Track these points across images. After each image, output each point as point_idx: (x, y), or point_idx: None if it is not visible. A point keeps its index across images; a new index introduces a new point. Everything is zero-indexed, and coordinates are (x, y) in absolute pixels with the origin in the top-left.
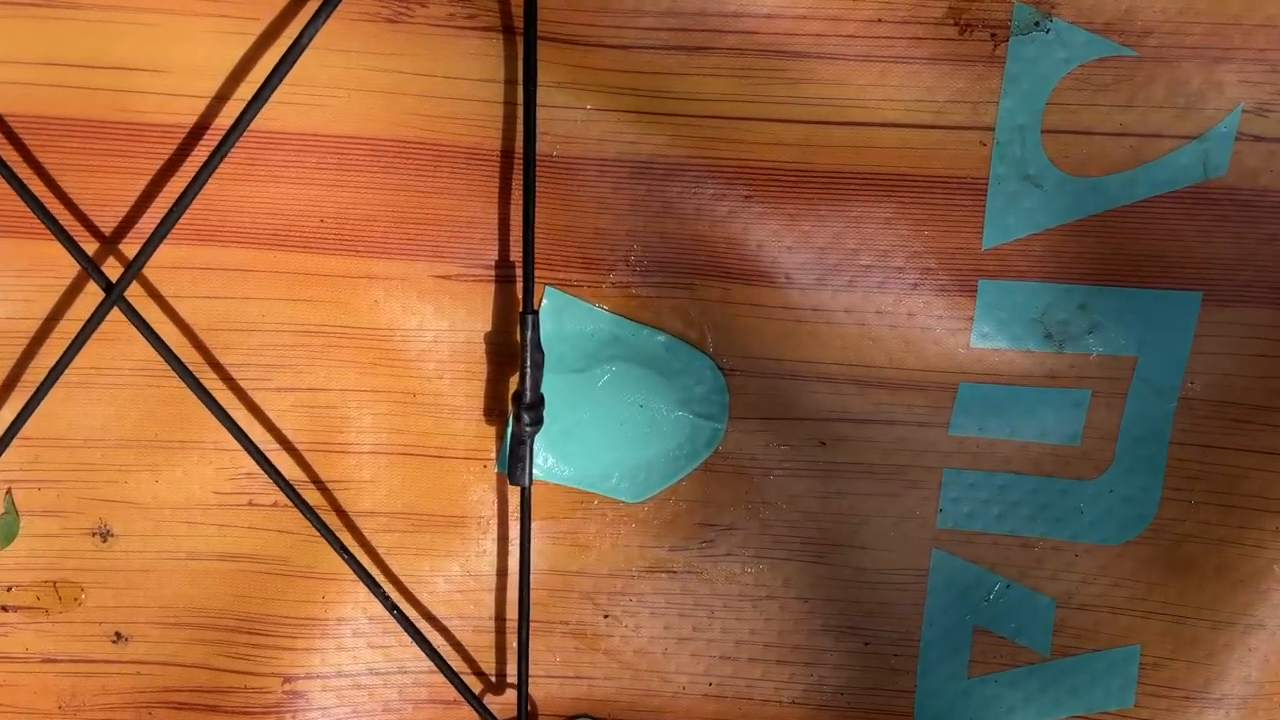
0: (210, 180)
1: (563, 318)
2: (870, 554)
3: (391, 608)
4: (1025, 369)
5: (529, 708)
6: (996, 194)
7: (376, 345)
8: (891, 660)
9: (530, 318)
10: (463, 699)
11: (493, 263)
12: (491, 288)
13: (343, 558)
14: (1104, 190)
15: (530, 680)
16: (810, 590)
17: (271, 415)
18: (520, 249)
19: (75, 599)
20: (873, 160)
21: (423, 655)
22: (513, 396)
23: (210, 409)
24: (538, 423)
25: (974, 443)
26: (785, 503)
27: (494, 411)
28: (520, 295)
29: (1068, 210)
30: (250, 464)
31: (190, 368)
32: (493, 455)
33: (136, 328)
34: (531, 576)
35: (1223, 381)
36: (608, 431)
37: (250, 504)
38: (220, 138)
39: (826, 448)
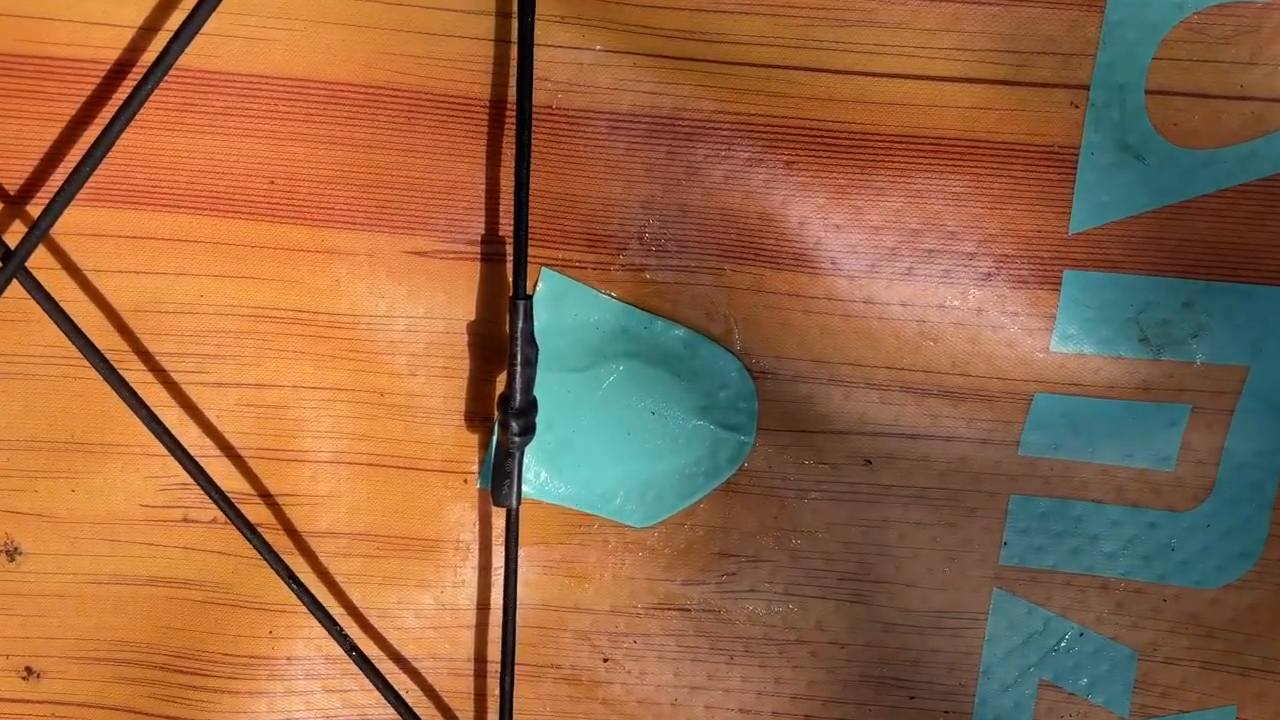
0: (135, 130)
1: (561, 305)
2: (919, 593)
3: (349, 647)
4: (1114, 378)
5: None
6: (1089, 166)
7: (337, 334)
8: (941, 718)
9: (521, 304)
10: None
11: (478, 237)
12: (477, 267)
13: (291, 587)
14: (1219, 165)
15: None
16: (848, 634)
17: (210, 415)
18: (511, 221)
19: None
20: (940, 122)
21: (387, 703)
22: (499, 399)
23: (132, 406)
24: (528, 431)
25: (1047, 465)
26: (822, 531)
27: (477, 416)
28: (510, 277)
29: (1174, 189)
30: (185, 473)
31: (110, 356)
32: (474, 468)
33: (42, 306)
34: (522, 612)
35: None
36: (612, 443)
37: (185, 520)
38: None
39: (872, 467)
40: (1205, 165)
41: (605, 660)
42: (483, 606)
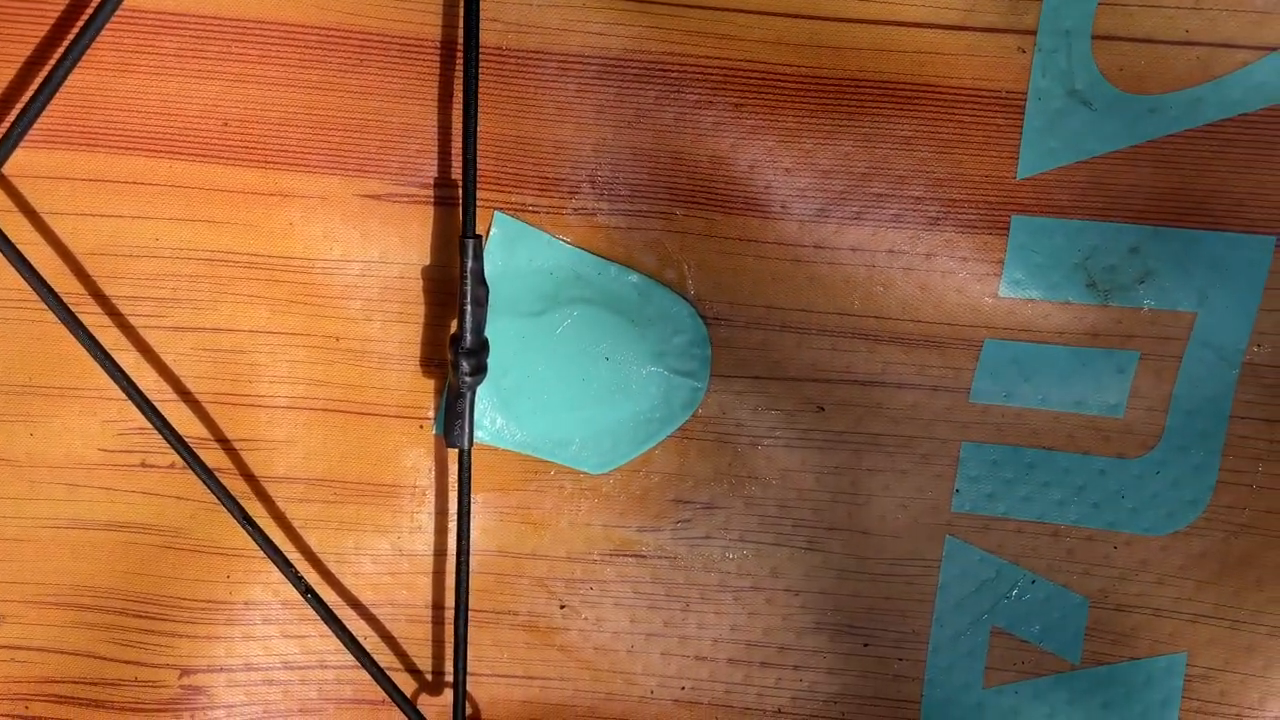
0: (89, 71)
1: (515, 250)
2: (873, 540)
3: (305, 590)
4: (1062, 324)
5: (470, 711)
6: (1036, 112)
7: (292, 278)
8: (895, 665)
9: (470, 242)
10: (391, 700)
11: (431, 180)
12: (430, 210)
13: (246, 530)
14: (1164, 111)
15: (473, 680)
16: (802, 581)
17: (167, 359)
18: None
19: None
20: (889, 66)
21: (345, 648)
22: (450, 339)
23: (89, 349)
24: (479, 371)
25: (998, 411)
26: (775, 478)
27: (433, 361)
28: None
29: (1120, 134)
30: (142, 418)
31: (67, 300)
32: (431, 414)
33: None
34: (476, 559)
35: None
36: (567, 388)
37: (143, 465)
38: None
39: (825, 414)
40: (1152, 111)
41: (562, 607)
42: (440, 553)
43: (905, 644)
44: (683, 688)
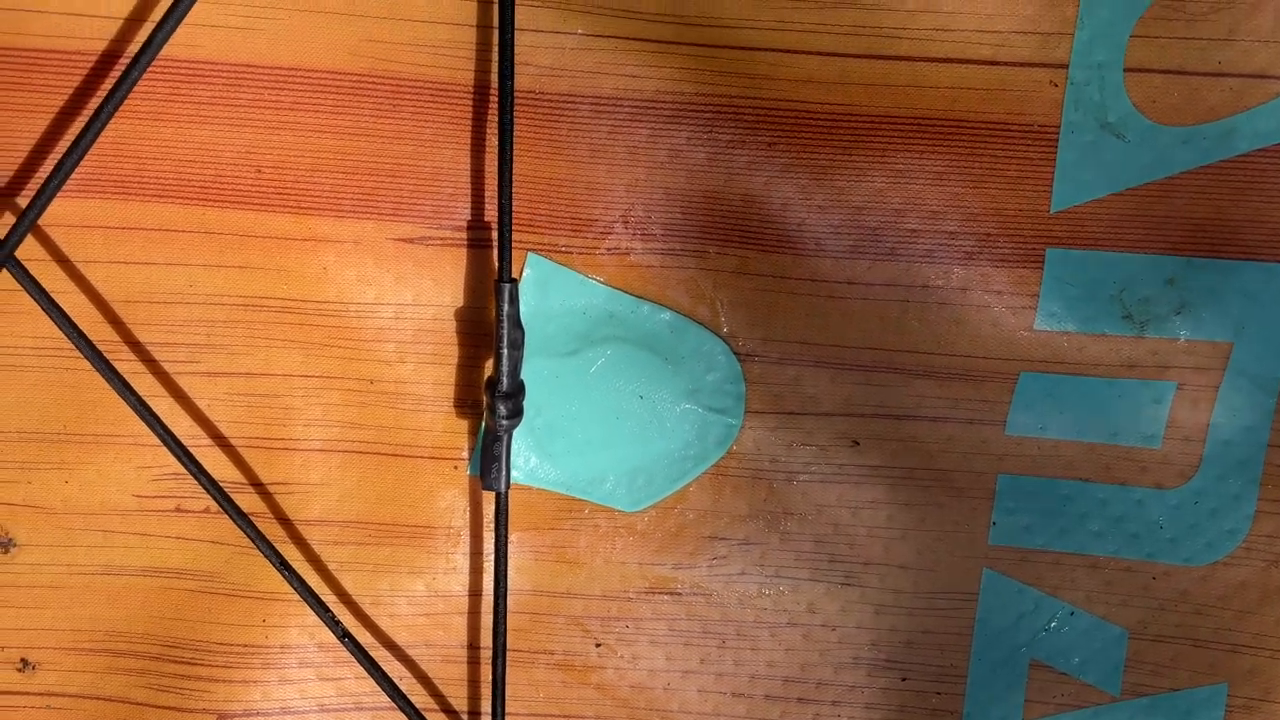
0: (123, 120)
1: (548, 290)
2: (910, 574)
3: (342, 634)
4: (1098, 356)
5: None
6: (1069, 145)
7: (326, 322)
8: (933, 699)
9: (507, 287)
10: None
11: (464, 223)
12: (463, 253)
13: (283, 574)
14: (1198, 142)
15: (510, 719)
16: (839, 617)
17: (201, 405)
18: (496, 207)
19: None
20: (922, 102)
21: (381, 690)
22: (486, 383)
23: (124, 396)
24: (516, 414)
25: (1034, 444)
26: (811, 514)
27: (466, 403)
28: (496, 262)
29: (1154, 166)
30: (177, 463)
31: (101, 347)
32: (464, 454)
33: (33, 297)
34: (514, 598)
35: None
36: (601, 427)
37: (177, 510)
38: (151, 69)
39: (860, 449)
40: (1185, 142)
41: (598, 645)
42: (474, 593)
43: (944, 678)
44: None
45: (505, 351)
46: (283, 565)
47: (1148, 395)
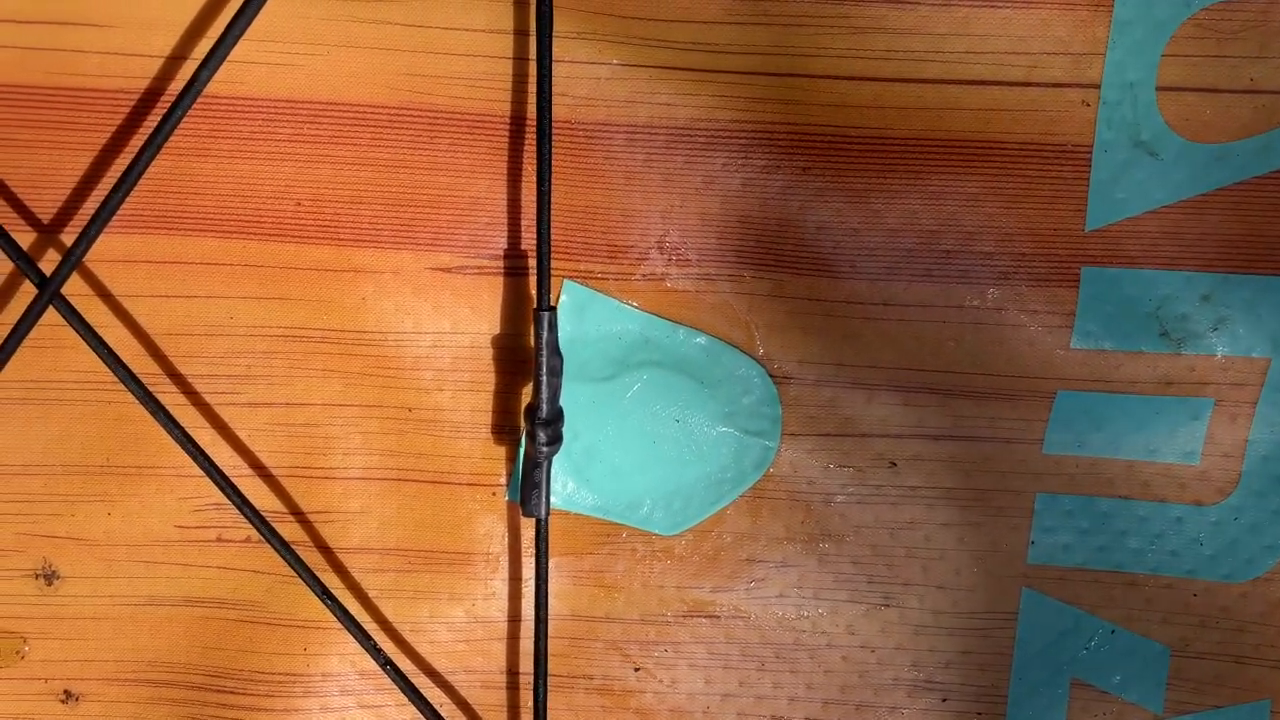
0: (165, 156)
1: (584, 316)
2: (949, 594)
3: (384, 661)
4: (1135, 374)
5: None
6: (1103, 164)
7: (365, 351)
8: (974, 719)
9: (546, 315)
10: None
11: (501, 251)
12: (500, 282)
13: (325, 603)
14: (1232, 159)
15: None
16: (878, 638)
17: (242, 435)
18: (534, 235)
19: (16, 651)
20: (955, 125)
21: (422, 716)
22: (526, 410)
23: (167, 428)
24: (555, 441)
25: (1072, 462)
26: (849, 535)
27: (504, 429)
28: (533, 290)
29: (1188, 183)
30: (218, 493)
31: (144, 379)
32: (503, 481)
33: (76, 330)
34: (553, 623)
35: None
36: (638, 451)
37: (219, 540)
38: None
39: (897, 469)
40: (1219, 159)
41: (637, 669)
42: (513, 618)
43: (984, 698)
44: None
45: (545, 379)
46: (324, 593)
47: (1185, 412)
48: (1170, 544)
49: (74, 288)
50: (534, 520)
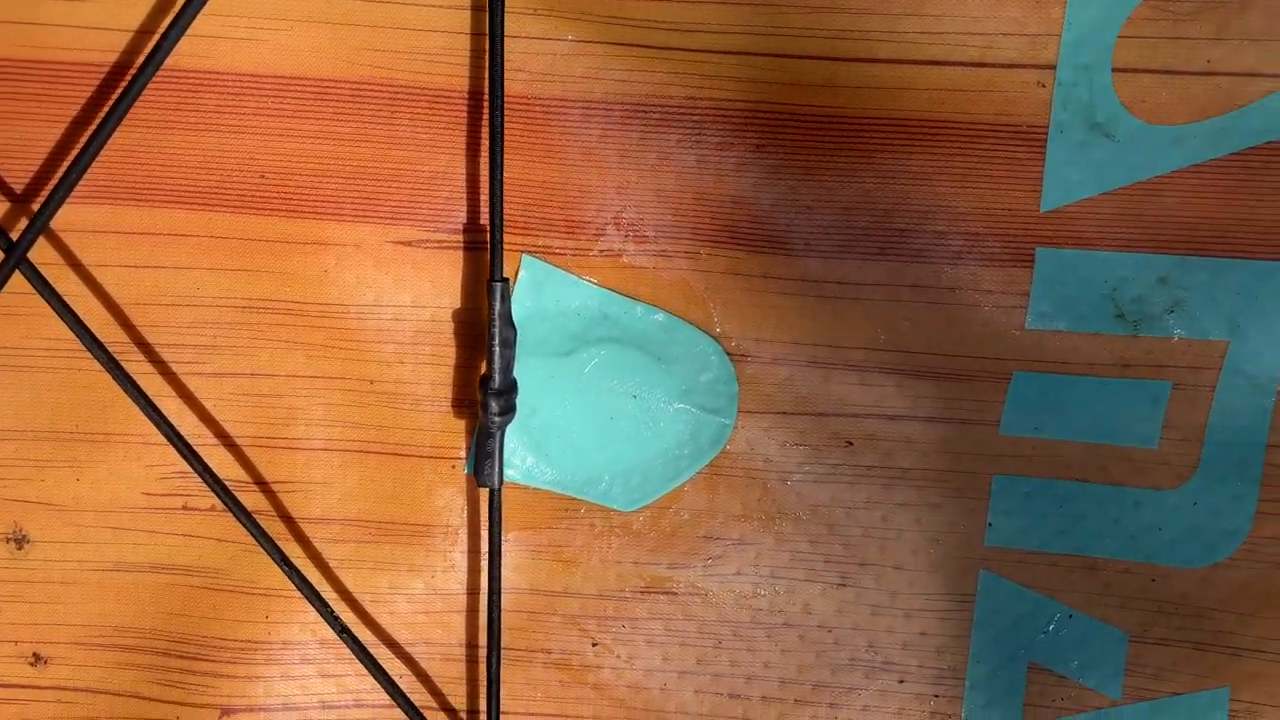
0: (133, 129)
1: (543, 292)
2: (906, 575)
3: (340, 629)
4: (1092, 355)
5: None
6: (1058, 145)
7: (327, 324)
8: (931, 702)
9: (499, 286)
10: None
11: (461, 226)
12: (460, 256)
13: (283, 570)
14: (1189, 141)
15: (508, 718)
16: (835, 618)
17: (207, 405)
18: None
19: None
20: (909, 104)
21: (381, 687)
22: (480, 381)
23: (132, 396)
24: (508, 411)
25: (1030, 444)
26: (806, 514)
27: (464, 402)
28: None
29: (1144, 165)
30: (184, 461)
31: (112, 348)
32: (462, 454)
33: (43, 296)
34: (509, 597)
35: None
36: (596, 427)
37: (185, 508)
38: (159, 79)
39: (853, 449)
40: (1175, 141)
41: (594, 645)
42: (473, 591)
43: (942, 681)
44: None
45: (497, 349)
46: (283, 560)
47: (1143, 395)
48: (1129, 528)
49: (46, 256)
50: (488, 490)
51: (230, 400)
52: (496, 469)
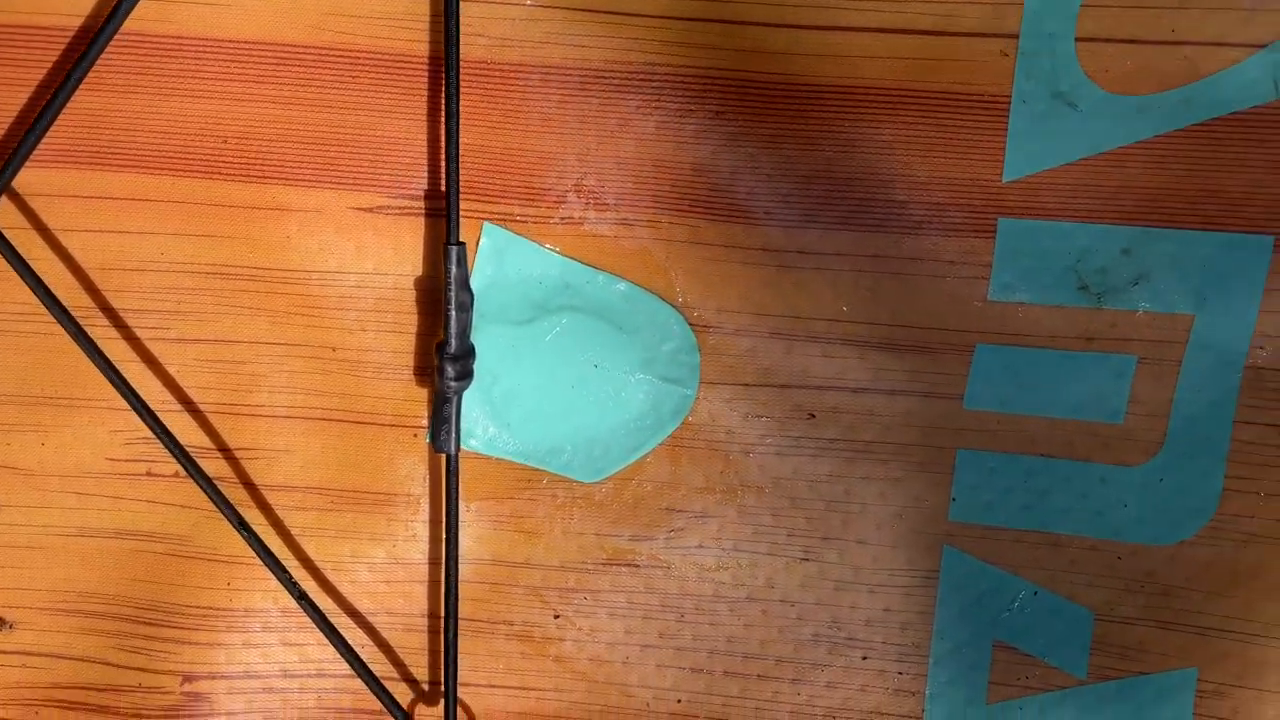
0: (97, 93)
1: (504, 259)
2: (869, 550)
3: (299, 595)
4: (1055, 328)
5: None
6: (1021, 115)
7: (290, 290)
8: (895, 679)
9: (454, 249)
10: (386, 709)
11: (422, 192)
12: (422, 222)
13: (241, 534)
14: (1152, 111)
15: (469, 690)
16: (798, 592)
17: (171, 370)
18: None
19: None
20: (870, 72)
21: (341, 656)
22: (436, 346)
23: (95, 360)
24: (465, 377)
25: (994, 419)
26: (768, 486)
27: (426, 370)
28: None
29: (1108, 135)
30: (148, 427)
31: (77, 313)
32: (424, 422)
33: (8, 260)
34: (471, 567)
35: None
36: (558, 396)
37: (149, 474)
38: (122, 43)
39: (816, 421)
40: (1140, 111)
41: (556, 617)
42: (435, 561)
43: (906, 658)
44: (679, 700)
45: (453, 314)
46: (241, 525)
47: (1108, 369)
48: (1094, 504)
49: (10, 220)
50: (445, 456)
51: (194, 366)
52: (453, 435)
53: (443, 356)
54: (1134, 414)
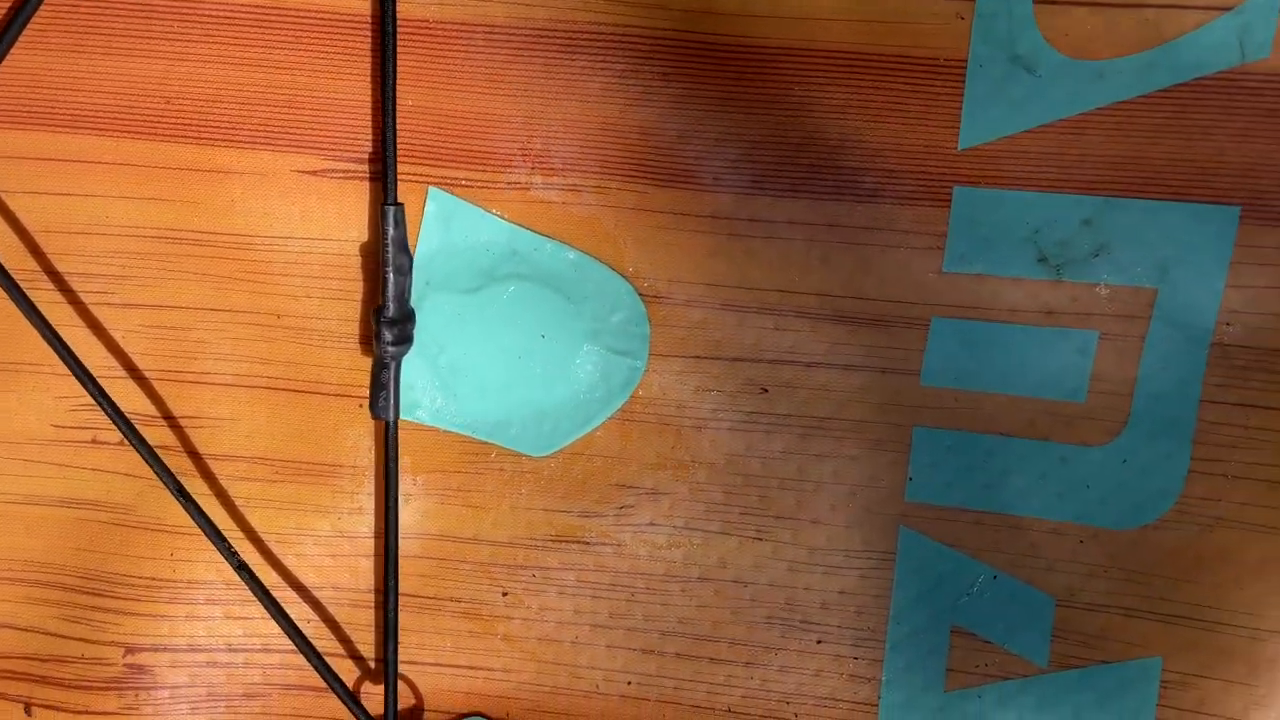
0: (38, 51)
1: (451, 225)
2: (824, 530)
3: (238, 565)
4: (1014, 302)
5: (414, 701)
6: (977, 80)
7: (235, 255)
8: (850, 664)
9: (391, 210)
10: (328, 686)
11: (366, 155)
12: (366, 186)
13: (180, 501)
14: (1114, 76)
15: (416, 668)
16: (751, 573)
17: (116, 336)
18: (402, 138)
19: None
20: (822, 35)
21: (283, 631)
22: (374, 310)
23: (35, 324)
24: (404, 341)
25: (951, 395)
26: (720, 463)
27: (370, 339)
28: (400, 194)
29: (1067, 101)
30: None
31: (22, 277)
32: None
33: None
34: (417, 542)
35: (1268, 323)
36: (505, 367)
37: (94, 441)
38: (65, 1)
39: (769, 396)
40: (1100, 77)
41: (504, 594)
42: (381, 535)
43: (862, 642)
44: (629, 682)
45: (391, 276)
46: (180, 492)
47: (1069, 345)
48: (1055, 485)
49: None
50: (384, 424)
51: (138, 332)
52: (392, 401)
53: (380, 321)
54: (1096, 392)
